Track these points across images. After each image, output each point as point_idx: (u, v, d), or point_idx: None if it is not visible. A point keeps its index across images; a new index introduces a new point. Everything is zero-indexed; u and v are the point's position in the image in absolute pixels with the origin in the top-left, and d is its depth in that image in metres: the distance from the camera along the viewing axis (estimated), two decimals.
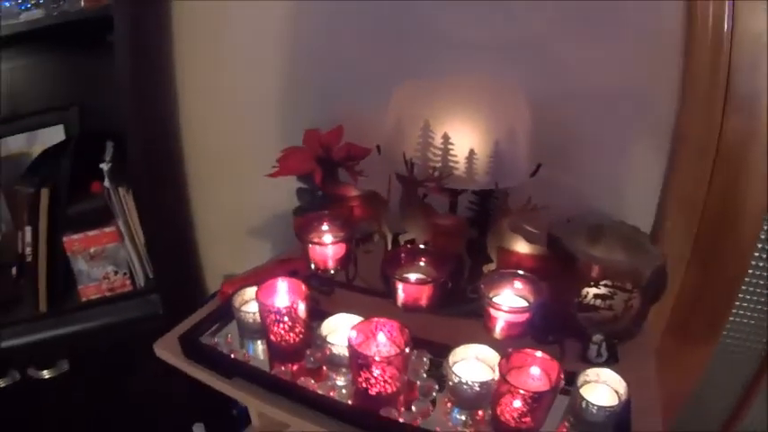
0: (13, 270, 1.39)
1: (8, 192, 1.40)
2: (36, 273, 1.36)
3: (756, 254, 1.15)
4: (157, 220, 1.41)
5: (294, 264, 0.98)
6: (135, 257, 1.45)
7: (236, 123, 1.46)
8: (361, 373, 0.70)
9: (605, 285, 0.86)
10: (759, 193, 1.04)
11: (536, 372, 0.68)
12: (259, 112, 1.40)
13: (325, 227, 0.90)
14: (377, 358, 0.69)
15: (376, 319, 0.73)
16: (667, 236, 1.10)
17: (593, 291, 0.86)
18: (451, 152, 0.85)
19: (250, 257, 1.20)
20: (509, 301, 0.79)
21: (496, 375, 0.67)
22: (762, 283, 1.21)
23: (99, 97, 1.38)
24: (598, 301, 0.87)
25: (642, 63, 1.02)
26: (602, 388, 0.71)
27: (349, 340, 0.70)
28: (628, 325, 0.89)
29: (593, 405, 0.67)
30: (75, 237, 1.37)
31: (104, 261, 1.42)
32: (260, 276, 0.87)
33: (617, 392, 0.70)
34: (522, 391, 0.63)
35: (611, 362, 0.84)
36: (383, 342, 0.73)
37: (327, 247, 0.87)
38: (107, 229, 1.39)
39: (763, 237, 1.13)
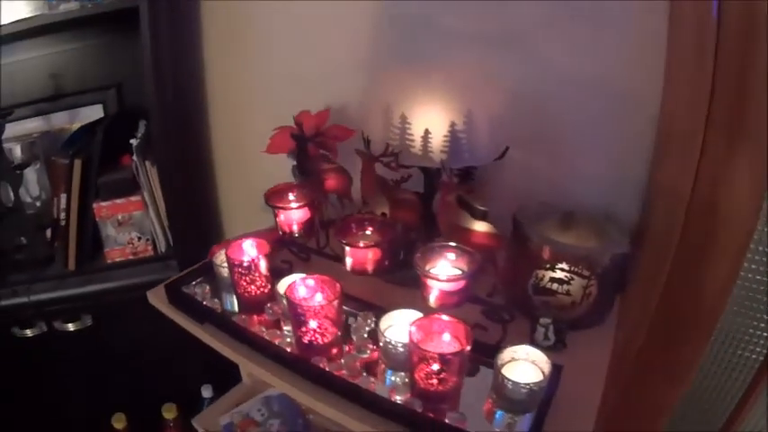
0: (48, 232, 1.54)
1: (48, 162, 1.56)
2: (67, 235, 1.51)
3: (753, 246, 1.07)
4: (178, 194, 1.52)
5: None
6: (158, 226, 1.58)
7: (260, 103, 1.54)
8: (298, 323, 0.78)
9: (561, 270, 0.87)
10: (754, 184, 0.96)
11: (447, 338, 0.72)
12: (283, 91, 1.46)
13: (291, 195, 0.99)
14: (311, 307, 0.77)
15: (315, 275, 0.81)
16: (651, 229, 1.06)
17: (549, 274, 0.88)
18: (408, 131, 0.91)
19: None
20: (444, 271, 0.82)
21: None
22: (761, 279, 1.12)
23: (137, 79, 1.48)
24: (555, 285, 0.88)
25: (625, 50, 0.99)
26: (530, 367, 0.72)
27: (287, 293, 0.79)
28: (586, 313, 0.89)
29: (509, 380, 0.68)
30: (104, 204, 1.51)
31: (131, 227, 1.56)
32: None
33: (543, 373, 0.71)
34: (429, 354, 0.66)
35: (559, 347, 0.84)
36: (319, 298, 0.81)
37: (291, 211, 0.95)
38: (133, 199, 1.53)
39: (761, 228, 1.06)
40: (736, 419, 1.26)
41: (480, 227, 0.88)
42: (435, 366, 0.67)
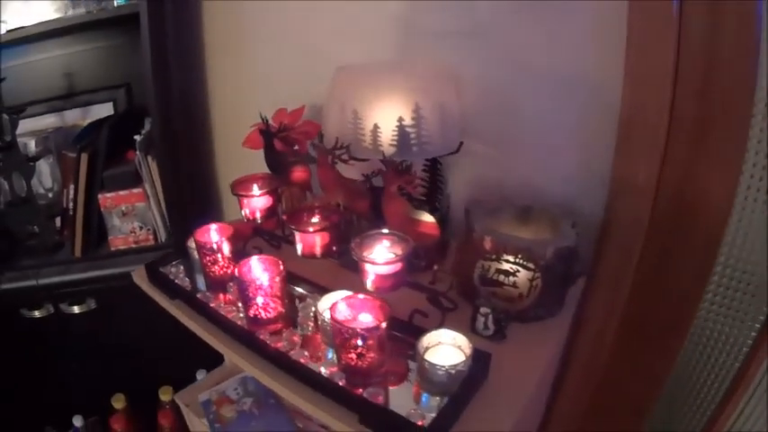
0: (58, 220, 1.66)
1: (59, 156, 1.67)
2: (74, 223, 1.62)
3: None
4: (176, 187, 1.62)
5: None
6: (158, 216, 1.68)
7: (260, 101, 1.57)
8: (245, 298, 0.86)
9: (507, 261, 0.87)
10: (726, 177, 0.93)
11: (368, 317, 0.76)
12: (280, 89, 1.52)
13: (256, 185, 1.06)
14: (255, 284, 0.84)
15: (263, 256, 0.88)
16: (615, 225, 1.03)
17: (495, 265, 0.88)
18: (360, 126, 0.98)
19: None
20: (380, 256, 0.85)
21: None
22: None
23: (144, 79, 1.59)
24: (501, 277, 0.88)
25: (585, 39, 0.98)
26: (455, 352, 0.74)
27: (238, 270, 0.86)
28: (533, 306, 0.89)
29: (427, 361, 0.70)
30: (108, 195, 1.62)
31: (134, 218, 1.67)
32: None
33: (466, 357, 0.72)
34: (344, 328, 0.70)
35: (498, 337, 0.85)
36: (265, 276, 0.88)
37: (253, 199, 1.03)
38: (135, 191, 1.64)
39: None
40: (718, 418, 1.18)
41: (420, 216, 0.93)
42: (356, 342, 0.71)
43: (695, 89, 0.89)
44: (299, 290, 0.97)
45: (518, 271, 0.87)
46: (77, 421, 1.67)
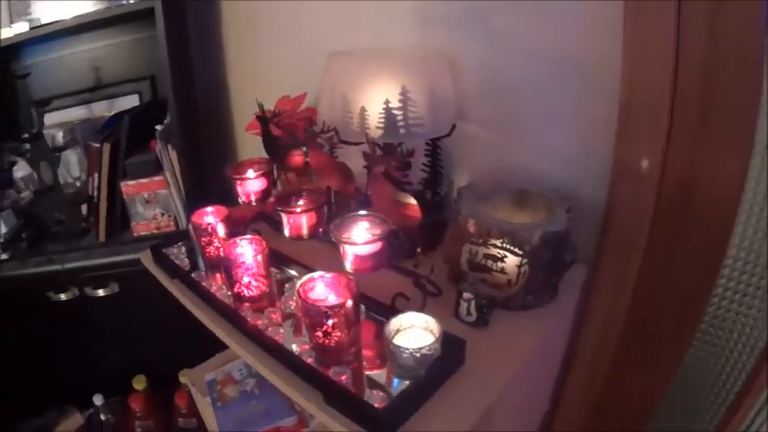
0: (84, 208, 1.73)
1: (85, 146, 1.74)
2: (98, 210, 1.69)
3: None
4: (194, 175, 1.67)
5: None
6: (180, 203, 1.72)
7: (277, 89, 1.64)
8: (229, 275, 0.88)
9: (494, 246, 0.85)
10: (737, 161, 0.87)
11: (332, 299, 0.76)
12: (297, 74, 1.54)
13: (252, 169, 1.08)
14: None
15: (249, 236, 0.90)
16: (617, 212, 0.99)
17: (482, 250, 0.87)
18: (348, 110, 0.98)
19: None
20: (358, 237, 0.84)
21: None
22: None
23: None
24: (489, 262, 0.87)
25: (587, 24, 0.94)
26: (427, 336, 0.73)
27: (224, 249, 0.88)
28: (522, 293, 0.87)
29: (392, 343, 0.70)
30: (130, 183, 1.68)
31: (156, 205, 1.72)
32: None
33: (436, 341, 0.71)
34: (309, 306, 0.71)
35: (480, 324, 0.84)
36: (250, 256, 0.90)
37: (248, 182, 1.05)
38: (156, 179, 1.69)
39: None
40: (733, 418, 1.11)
41: (404, 199, 0.93)
42: (322, 320, 0.71)
43: (699, 68, 0.83)
44: (290, 271, 0.99)
45: (505, 256, 0.85)
46: (98, 400, 1.74)
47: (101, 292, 1.71)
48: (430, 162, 1.16)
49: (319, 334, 0.72)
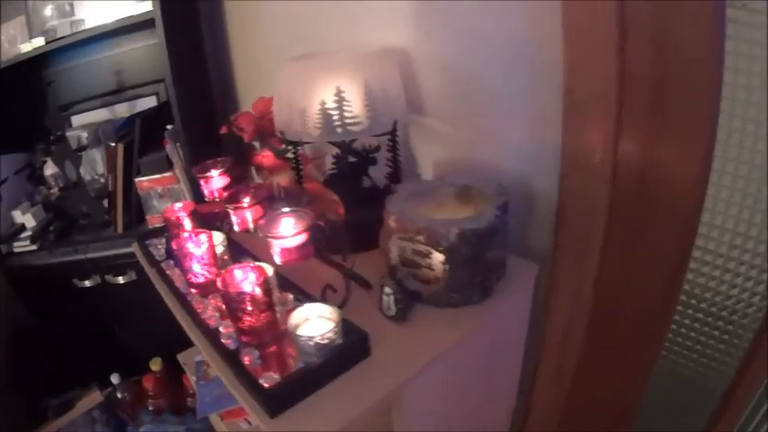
0: (105, 202, 1.89)
1: (106, 146, 1.90)
2: (116, 205, 1.84)
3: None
4: None
5: None
6: (189, 197, 1.85)
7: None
8: (182, 265, 0.98)
9: (419, 242, 0.85)
10: (695, 149, 0.81)
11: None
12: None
13: (214, 168, 1.18)
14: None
15: (202, 230, 1.00)
16: (569, 208, 0.94)
17: (410, 246, 0.87)
18: (292, 113, 1.05)
19: None
20: (284, 231, 0.88)
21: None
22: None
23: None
24: (417, 258, 0.87)
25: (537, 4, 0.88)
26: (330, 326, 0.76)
27: (178, 242, 0.98)
28: (446, 290, 0.86)
29: (292, 331, 0.75)
30: (144, 179, 1.82)
31: (170, 198, 1.85)
32: None
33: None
34: (221, 291, 0.79)
35: (398, 319, 0.86)
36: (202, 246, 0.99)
37: (211, 180, 1.15)
38: (166, 174, 1.82)
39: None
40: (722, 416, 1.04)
41: (331, 195, 1.00)
42: (235, 305, 0.78)
43: (648, 45, 0.75)
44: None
45: (431, 252, 0.85)
46: (115, 379, 1.90)
47: (120, 280, 1.87)
48: (392, 158, 1.20)
49: (236, 317, 0.80)
